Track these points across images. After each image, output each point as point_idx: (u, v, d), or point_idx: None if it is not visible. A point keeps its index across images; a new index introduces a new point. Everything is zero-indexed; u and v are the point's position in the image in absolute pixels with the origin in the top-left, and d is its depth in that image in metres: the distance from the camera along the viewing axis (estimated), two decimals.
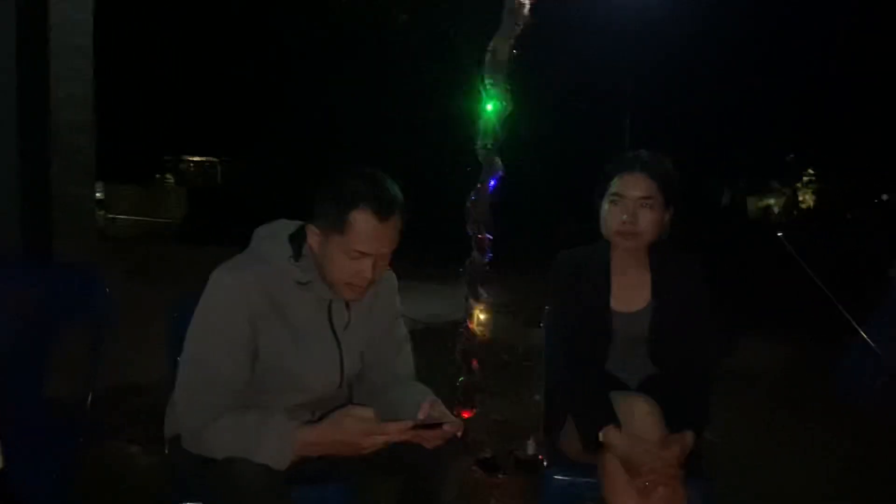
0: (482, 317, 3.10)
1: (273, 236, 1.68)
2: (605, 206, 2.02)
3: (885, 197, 19.62)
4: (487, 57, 2.97)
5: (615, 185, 2.00)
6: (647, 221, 1.98)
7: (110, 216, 15.38)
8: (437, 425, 1.56)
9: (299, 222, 1.70)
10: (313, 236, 1.62)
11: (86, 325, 1.99)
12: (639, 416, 1.84)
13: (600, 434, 1.85)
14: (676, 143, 14.83)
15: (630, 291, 2.06)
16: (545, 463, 2.06)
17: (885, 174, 18.21)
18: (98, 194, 8.82)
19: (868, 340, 4.31)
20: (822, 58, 15.49)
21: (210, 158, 23.23)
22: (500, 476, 3.06)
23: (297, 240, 1.66)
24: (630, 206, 1.97)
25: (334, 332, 1.71)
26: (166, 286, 5.94)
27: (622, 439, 1.82)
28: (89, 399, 1.91)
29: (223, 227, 12.15)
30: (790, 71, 16.11)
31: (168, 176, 23.32)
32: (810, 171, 22.03)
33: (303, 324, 1.66)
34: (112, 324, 2.02)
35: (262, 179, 16.25)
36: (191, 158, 23.86)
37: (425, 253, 2.70)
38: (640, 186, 1.98)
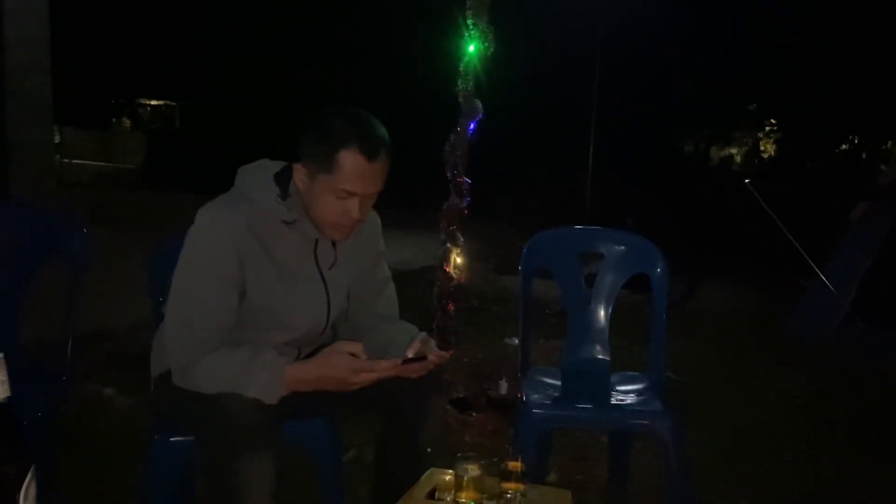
0: (458, 260, 3.13)
1: (257, 175, 1.66)
2: None
3: (844, 147, 20.02)
4: None
5: None
6: None
7: (66, 160, 14.92)
8: (422, 358, 1.60)
9: (283, 162, 1.69)
10: (300, 175, 1.60)
11: (64, 266, 1.97)
12: None
13: None
14: (641, 93, 14.83)
15: None
16: (523, 397, 2.13)
17: (844, 125, 18.54)
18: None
19: (826, 282, 4.49)
20: (785, 8, 15.52)
21: (168, 102, 22.59)
22: (472, 415, 3.14)
23: (283, 178, 1.65)
24: None
25: (320, 272, 1.71)
26: (127, 231, 5.86)
27: None
28: (71, 338, 1.90)
29: (182, 171, 11.91)
30: (753, 21, 16.13)
31: (125, 120, 22.65)
32: (772, 121, 22.28)
33: (289, 262, 1.66)
34: (90, 266, 2.00)
35: (221, 123, 15.85)
36: (148, 102, 23.18)
37: (398, 199, 2.70)
38: None
